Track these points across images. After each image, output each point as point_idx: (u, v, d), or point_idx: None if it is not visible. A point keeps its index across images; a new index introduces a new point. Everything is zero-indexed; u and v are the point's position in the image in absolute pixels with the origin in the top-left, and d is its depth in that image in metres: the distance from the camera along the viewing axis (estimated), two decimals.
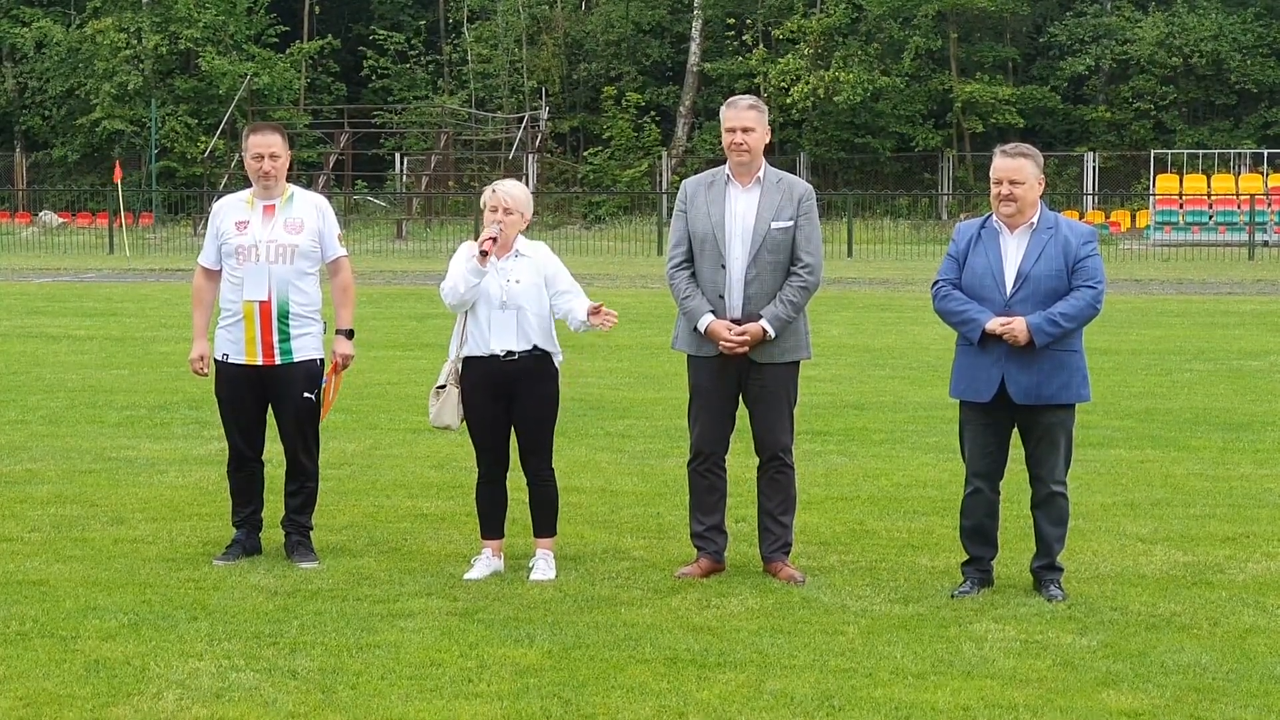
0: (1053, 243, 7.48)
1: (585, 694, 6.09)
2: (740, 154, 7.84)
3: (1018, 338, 7.37)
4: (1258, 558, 8.30)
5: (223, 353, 8.25)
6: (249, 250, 8.15)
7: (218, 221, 8.29)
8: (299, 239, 8.18)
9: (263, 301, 8.11)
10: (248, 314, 8.14)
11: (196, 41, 55.37)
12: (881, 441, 11.92)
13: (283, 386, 8.21)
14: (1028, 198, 7.50)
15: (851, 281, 30.81)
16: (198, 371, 8.37)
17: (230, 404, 8.31)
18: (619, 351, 17.72)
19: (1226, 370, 16.42)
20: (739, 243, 7.82)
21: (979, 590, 7.59)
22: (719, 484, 7.99)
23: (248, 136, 8.28)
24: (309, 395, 8.23)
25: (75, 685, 6.16)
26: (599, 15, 57.94)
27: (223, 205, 8.38)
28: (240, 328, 8.17)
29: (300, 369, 8.20)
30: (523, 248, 8.00)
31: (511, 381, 7.90)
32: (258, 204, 8.26)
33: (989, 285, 7.49)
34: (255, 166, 8.20)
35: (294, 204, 8.29)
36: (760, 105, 8.02)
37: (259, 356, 8.17)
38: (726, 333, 7.73)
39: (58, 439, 11.89)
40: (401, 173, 56.47)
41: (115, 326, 21.06)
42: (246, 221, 8.22)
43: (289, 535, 8.31)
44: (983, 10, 52.86)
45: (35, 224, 50.03)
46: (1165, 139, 52.78)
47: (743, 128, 7.86)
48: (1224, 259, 38.86)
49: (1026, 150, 7.62)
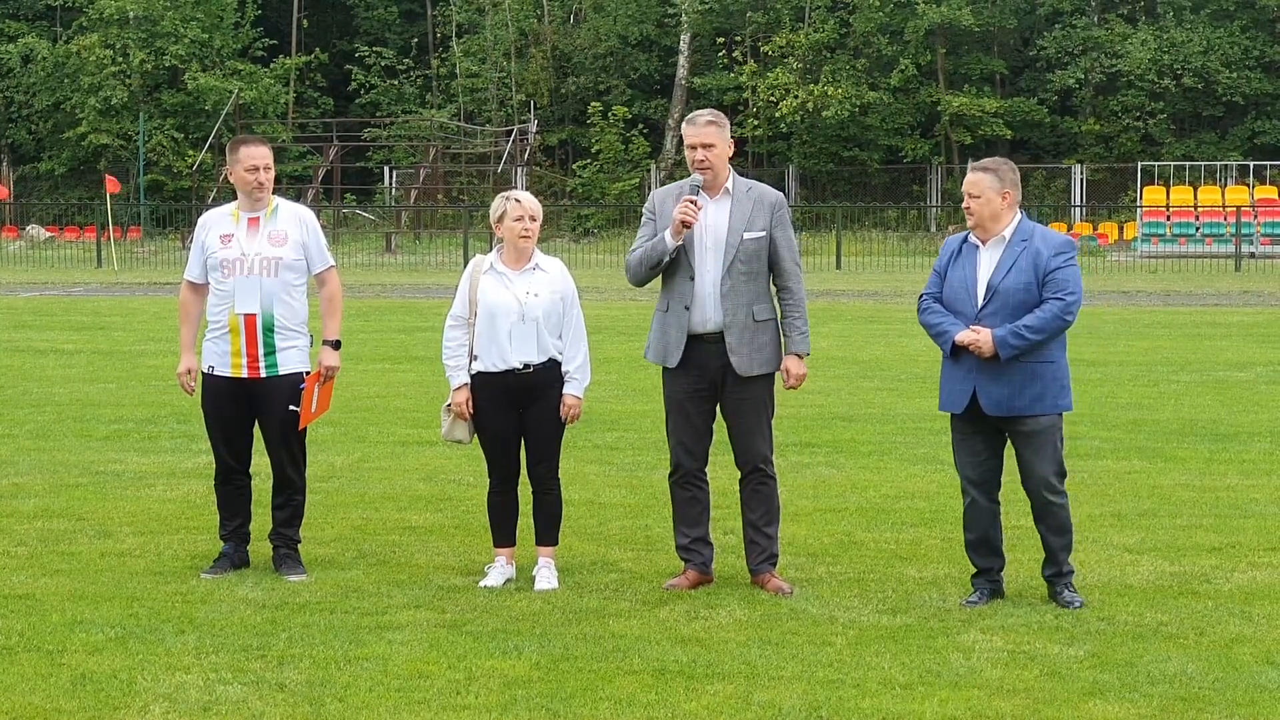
0: (1024, 255, 7.51)
1: (573, 705, 6.09)
2: (703, 170, 7.85)
3: (982, 350, 7.41)
4: (1244, 567, 8.32)
5: (209, 365, 8.25)
6: (234, 264, 8.15)
7: (203, 235, 8.30)
8: (283, 251, 8.17)
9: (249, 314, 8.11)
10: (233, 327, 8.14)
11: (182, 59, 55.34)
12: (870, 453, 11.93)
13: (267, 400, 8.19)
14: (984, 211, 7.55)
15: (840, 293, 30.84)
16: (185, 386, 8.35)
17: (216, 417, 8.30)
18: (607, 364, 17.72)
19: (1213, 381, 16.46)
20: (711, 254, 7.82)
21: (988, 600, 7.61)
22: (701, 496, 7.99)
23: (237, 149, 8.26)
24: (294, 408, 8.21)
25: (62, 699, 6.15)
26: (587, 29, 58.01)
27: (208, 219, 8.38)
28: (226, 340, 8.17)
29: (285, 382, 8.19)
30: (541, 261, 8.00)
31: (526, 392, 7.91)
32: (242, 217, 8.26)
33: (962, 298, 7.54)
34: (249, 179, 8.19)
35: (278, 216, 8.28)
36: (721, 120, 7.99)
37: (244, 369, 8.16)
38: (684, 206, 7.67)
39: (45, 453, 11.88)
40: (390, 186, 56.50)
41: (103, 340, 21.03)
42: (231, 235, 8.22)
43: (276, 549, 8.29)
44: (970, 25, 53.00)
45: (23, 238, 49.95)
46: (1153, 151, 52.90)
47: (703, 144, 7.85)
48: (1211, 270, 38.95)
49: (990, 164, 7.69)
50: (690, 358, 7.83)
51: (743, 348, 7.80)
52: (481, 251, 9.47)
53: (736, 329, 7.79)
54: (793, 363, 7.89)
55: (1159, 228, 46.36)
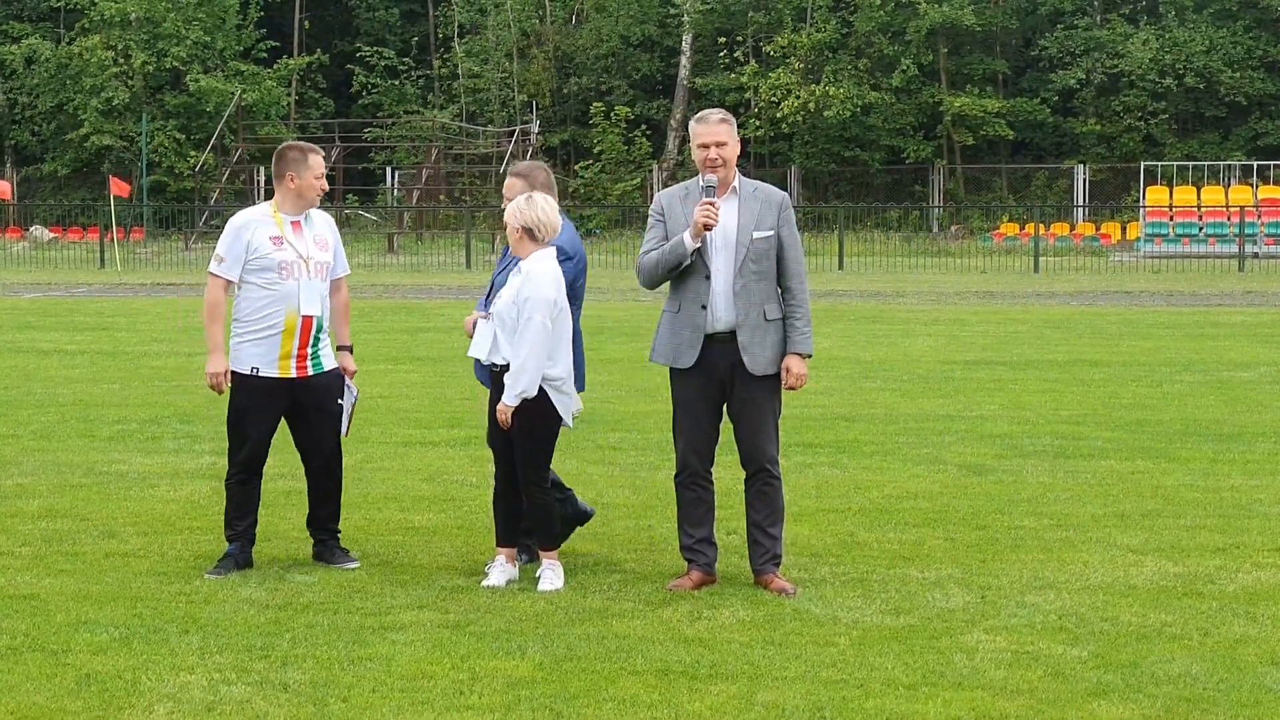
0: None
1: (577, 706, 6.09)
2: (715, 168, 7.84)
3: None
4: (1248, 568, 8.31)
5: (251, 366, 8.21)
6: (293, 265, 8.17)
7: (247, 235, 8.21)
8: (327, 256, 8.33)
9: (310, 316, 8.19)
10: (289, 328, 8.16)
11: (184, 60, 55.37)
12: (872, 454, 11.93)
13: (315, 396, 8.30)
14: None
15: (842, 294, 30.83)
16: (215, 387, 8.29)
17: (254, 416, 8.27)
18: (610, 364, 17.73)
19: (1217, 382, 16.45)
20: (722, 254, 7.82)
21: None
22: (706, 496, 7.99)
23: (306, 157, 8.25)
24: (340, 402, 8.39)
25: (66, 699, 6.15)
26: (589, 29, 58.05)
27: (250, 219, 8.31)
28: (275, 342, 8.17)
29: (329, 377, 8.35)
30: (524, 264, 7.96)
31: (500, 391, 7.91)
32: (285, 220, 8.28)
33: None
34: (318, 186, 8.28)
35: (313, 221, 8.37)
36: (730, 118, 8.01)
37: (292, 370, 8.22)
38: (705, 209, 7.69)
39: (49, 453, 11.88)
40: (392, 187, 56.54)
41: (106, 341, 21.04)
42: (280, 237, 8.22)
43: (323, 541, 8.43)
44: (972, 26, 53.00)
45: (26, 239, 49.99)
46: (1155, 151, 52.91)
47: (715, 142, 7.85)
48: (1214, 271, 38.94)
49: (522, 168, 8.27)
50: (701, 357, 7.83)
51: (754, 346, 7.80)
52: (484, 251, 9.46)
53: (749, 328, 7.79)
54: (794, 362, 7.88)
55: (1162, 228, 46.36)
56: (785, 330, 7.89)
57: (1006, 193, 54.42)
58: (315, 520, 8.49)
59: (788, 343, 7.88)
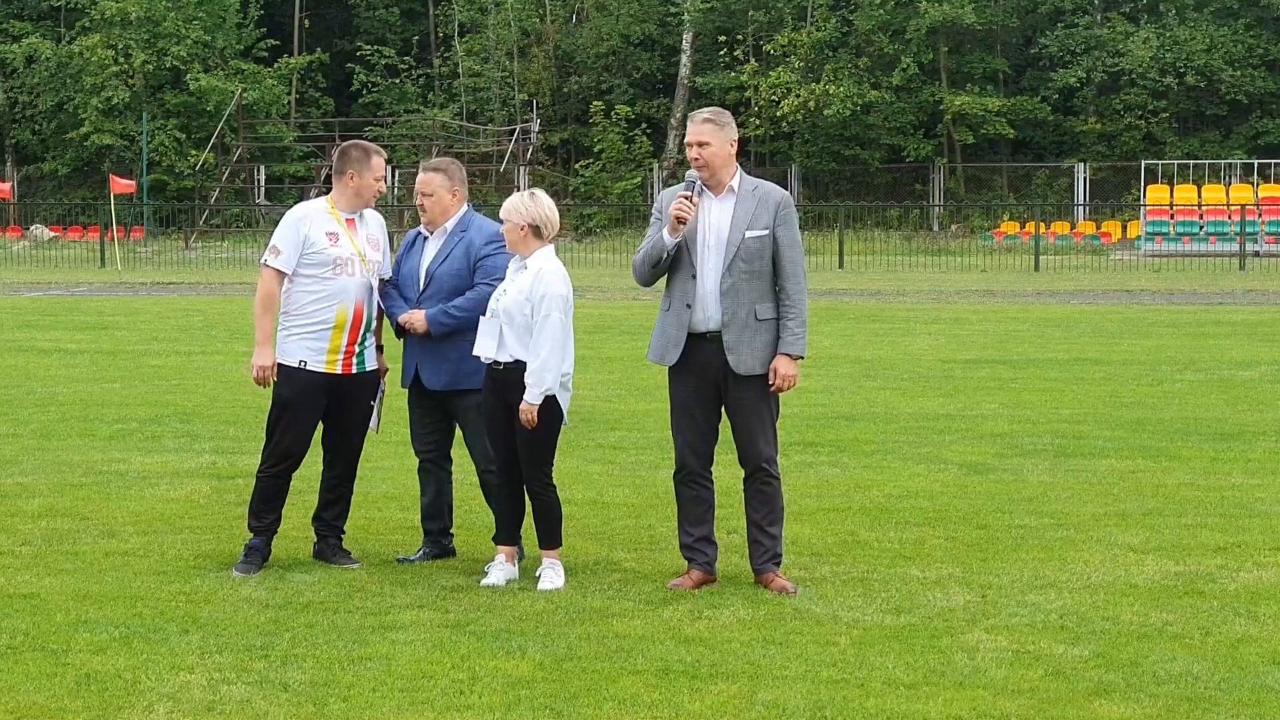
0: (460, 245, 8.29)
1: (577, 705, 6.09)
2: (698, 168, 7.84)
3: (416, 327, 8.23)
4: (1249, 567, 8.31)
5: (299, 360, 8.20)
6: (349, 262, 8.19)
7: (304, 229, 8.20)
8: (379, 255, 8.36)
9: (362, 313, 8.23)
10: (340, 324, 8.18)
11: (184, 59, 55.37)
12: (873, 453, 11.93)
13: (355, 394, 8.34)
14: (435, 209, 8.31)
15: (843, 293, 30.83)
16: (261, 380, 8.27)
17: (299, 409, 8.25)
18: (610, 363, 17.72)
19: (1217, 380, 16.44)
20: (713, 253, 7.80)
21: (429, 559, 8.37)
22: (705, 495, 7.98)
23: (369, 158, 8.34)
24: (373, 403, 8.45)
25: (66, 699, 6.15)
26: (589, 28, 58.06)
27: (308, 213, 8.31)
28: (325, 337, 8.18)
29: (370, 377, 8.41)
30: (530, 262, 7.92)
31: (508, 390, 7.89)
32: (342, 216, 8.30)
33: (409, 284, 8.39)
34: (378, 187, 8.36)
35: (366, 220, 8.39)
36: (719, 118, 7.93)
37: (339, 365, 8.23)
38: (679, 203, 7.70)
39: (49, 452, 11.88)
40: (393, 185, 56.51)
41: (106, 340, 21.04)
42: (337, 234, 8.24)
43: (326, 539, 8.43)
44: (972, 24, 52.99)
45: (27, 238, 49.99)
46: (1156, 150, 52.91)
47: (698, 142, 7.84)
48: (1215, 269, 38.95)
49: (439, 164, 8.44)
50: (692, 357, 7.81)
51: (740, 346, 7.76)
52: None
53: (735, 328, 7.76)
54: (782, 363, 7.81)
55: (1163, 226, 46.37)
56: (779, 330, 7.85)
57: (1007, 191, 54.45)
58: (323, 518, 8.48)
59: (779, 342, 7.84)
